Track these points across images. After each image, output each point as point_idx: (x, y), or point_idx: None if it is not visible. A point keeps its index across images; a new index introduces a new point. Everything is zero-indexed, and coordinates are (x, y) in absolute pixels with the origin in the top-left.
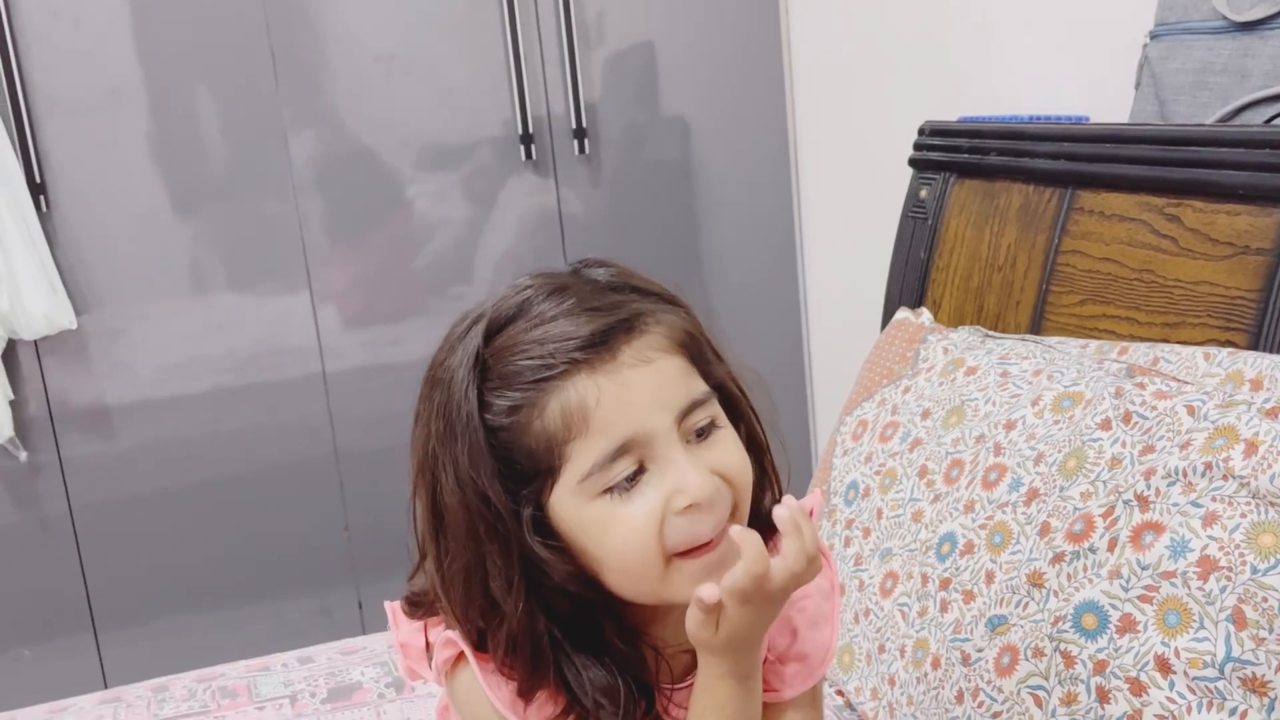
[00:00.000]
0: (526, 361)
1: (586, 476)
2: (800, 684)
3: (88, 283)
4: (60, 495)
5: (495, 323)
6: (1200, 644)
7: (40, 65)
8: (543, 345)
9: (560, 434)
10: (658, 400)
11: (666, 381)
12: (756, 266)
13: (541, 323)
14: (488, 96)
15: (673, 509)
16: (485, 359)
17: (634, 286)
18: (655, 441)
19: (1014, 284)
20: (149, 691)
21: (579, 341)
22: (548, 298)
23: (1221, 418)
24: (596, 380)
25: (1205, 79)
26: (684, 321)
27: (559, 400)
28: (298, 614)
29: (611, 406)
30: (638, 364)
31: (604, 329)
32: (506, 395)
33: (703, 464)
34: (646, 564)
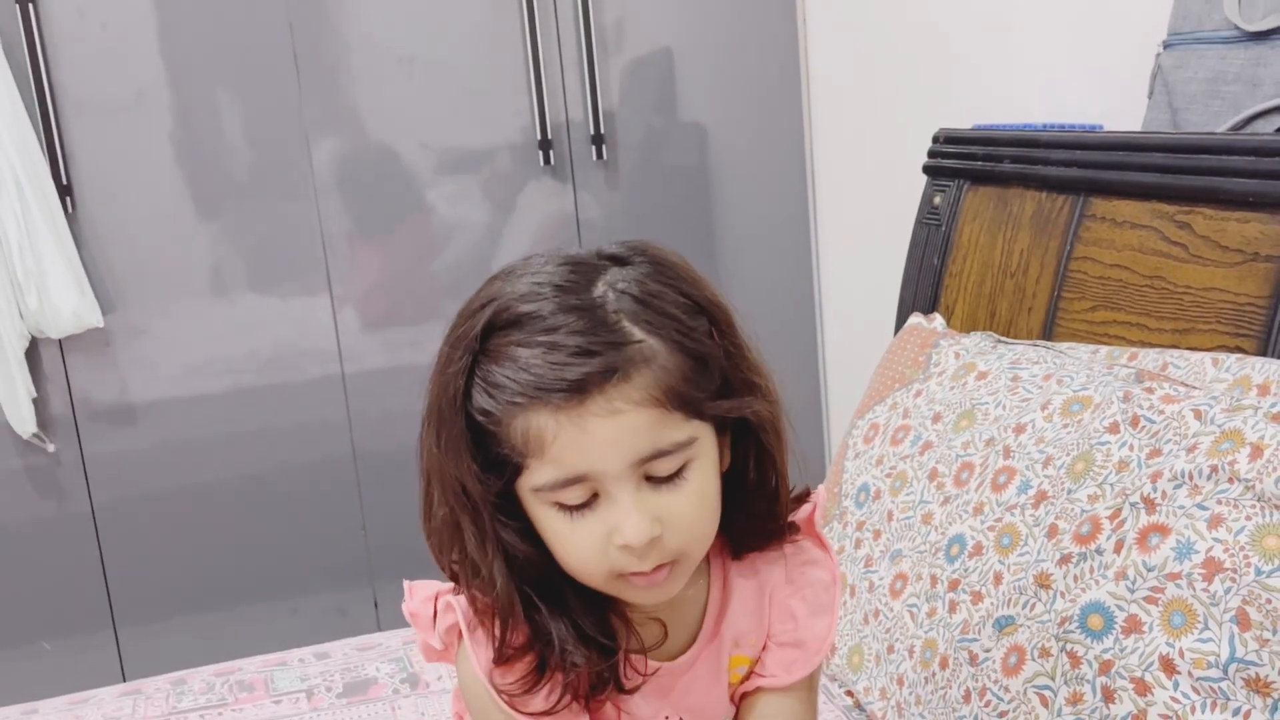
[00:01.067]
0: (505, 378)
1: (538, 490)
2: (798, 670)
3: (111, 282)
4: (82, 492)
5: (496, 320)
6: (1205, 645)
7: (67, 67)
8: (519, 371)
9: (520, 449)
10: (615, 449)
11: (630, 433)
12: (772, 271)
13: (529, 345)
14: (507, 101)
15: (611, 543)
16: (478, 352)
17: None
18: (607, 479)
19: (1026, 290)
20: (168, 684)
21: (546, 384)
22: (548, 316)
23: (1228, 422)
24: (558, 419)
25: (1217, 88)
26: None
27: (522, 424)
28: (314, 612)
29: (566, 445)
30: (604, 415)
31: (576, 379)
32: (484, 397)
33: (648, 509)
34: (590, 576)
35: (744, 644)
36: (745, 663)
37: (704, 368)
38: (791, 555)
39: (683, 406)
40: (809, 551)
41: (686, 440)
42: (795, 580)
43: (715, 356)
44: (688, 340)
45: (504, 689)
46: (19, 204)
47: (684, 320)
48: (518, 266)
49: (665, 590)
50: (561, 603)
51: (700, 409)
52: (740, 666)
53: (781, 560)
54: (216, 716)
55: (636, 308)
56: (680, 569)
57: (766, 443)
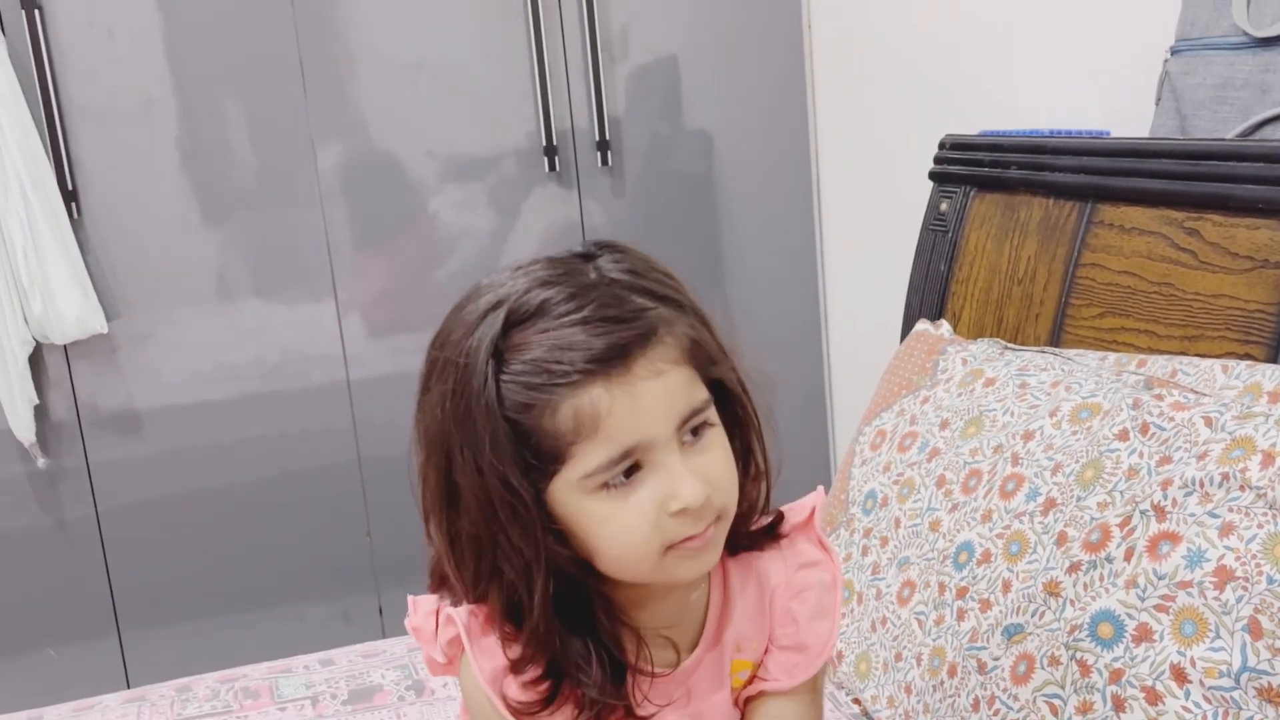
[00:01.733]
0: (544, 364)
1: (588, 475)
2: (800, 674)
3: (117, 288)
4: (87, 498)
5: (514, 315)
6: (1216, 653)
7: (73, 74)
8: (561, 351)
9: (569, 435)
10: (664, 411)
11: (674, 393)
12: (778, 278)
13: (561, 327)
14: (513, 108)
15: (666, 510)
16: (502, 351)
17: (647, 289)
18: (655, 447)
19: (1034, 296)
20: (173, 691)
21: (596, 353)
22: (568, 300)
23: (1239, 429)
24: (611, 390)
25: (1226, 94)
26: (691, 328)
27: (572, 405)
28: (319, 618)
29: (622, 415)
30: (650, 376)
31: (621, 343)
32: (521, 392)
33: (695, 470)
34: (641, 557)
35: (746, 648)
36: (747, 667)
37: (705, 329)
38: (791, 558)
39: (701, 365)
40: (809, 553)
41: (707, 400)
42: (795, 583)
43: (706, 319)
44: (686, 304)
45: (512, 703)
46: (24, 210)
47: (675, 288)
48: (495, 279)
49: (711, 554)
50: (586, 621)
51: (709, 370)
52: (742, 671)
53: (780, 562)
54: None
55: (635, 281)
56: (720, 529)
57: (743, 408)
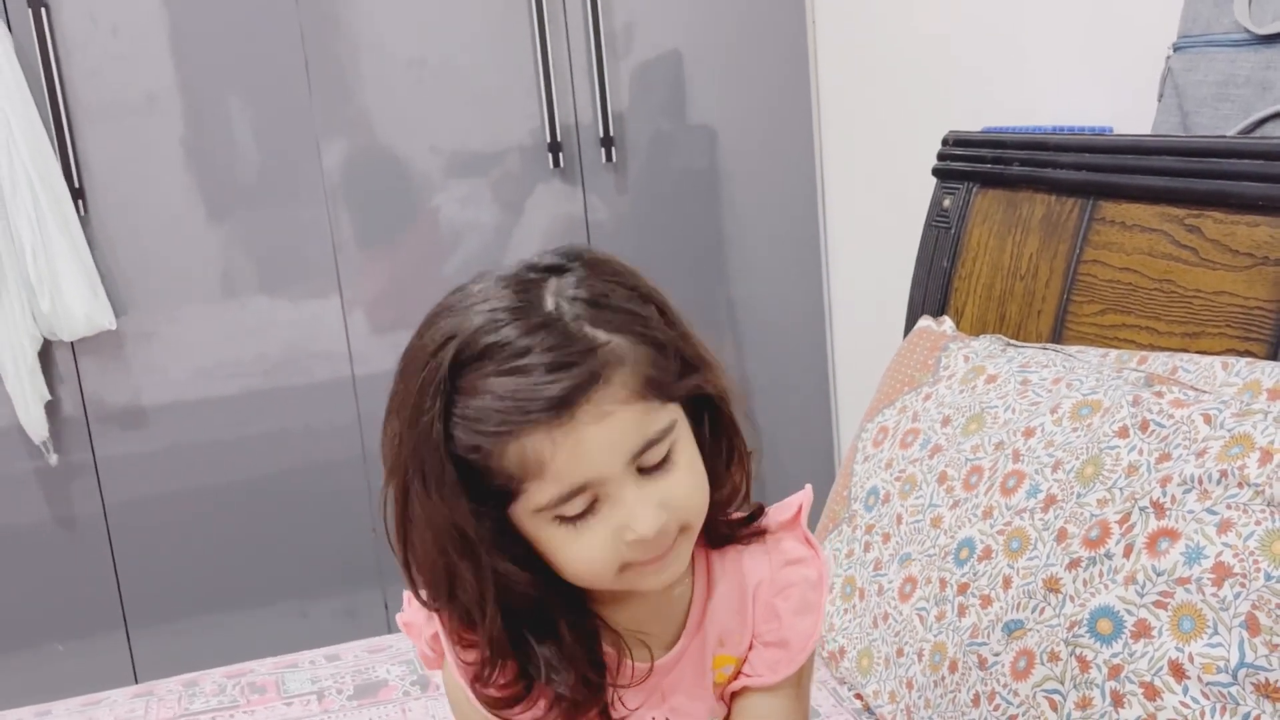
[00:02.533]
0: (488, 413)
1: (539, 510)
2: (783, 670)
3: (123, 286)
4: (94, 494)
5: (462, 355)
6: (1214, 649)
7: (79, 72)
8: (504, 400)
9: (517, 475)
10: (611, 452)
11: (624, 432)
12: (781, 274)
13: (510, 371)
14: (517, 104)
15: (621, 540)
16: (451, 393)
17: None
18: (607, 483)
19: (1035, 293)
20: (180, 686)
21: (540, 404)
22: (516, 340)
23: (1238, 426)
24: (553, 436)
25: (1228, 91)
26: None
27: (517, 450)
28: (324, 614)
29: (565, 459)
30: (593, 421)
31: (563, 393)
32: (469, 434)
33: (652, 499)
34: (599, 576)
35: (728, 643)
36: (731, 662)
37: (665, 352)
38: (776, 554)
39: (659, 394)
40: (795, 550)
41: (669, 425)
42: (780, 579)
43: (671, 339)
44: (646, 330)
45: (486, 700)
46: (33, 207)
47: (637, 312)
48: (458, 300)
49: (675, 567)
50: (552, 632)
51: (671, 392)
52: (725, 666)
53: (765, 558)
54: (228, 718)
55: (592, 311)
56: (685, 540)
57: (723, 412)
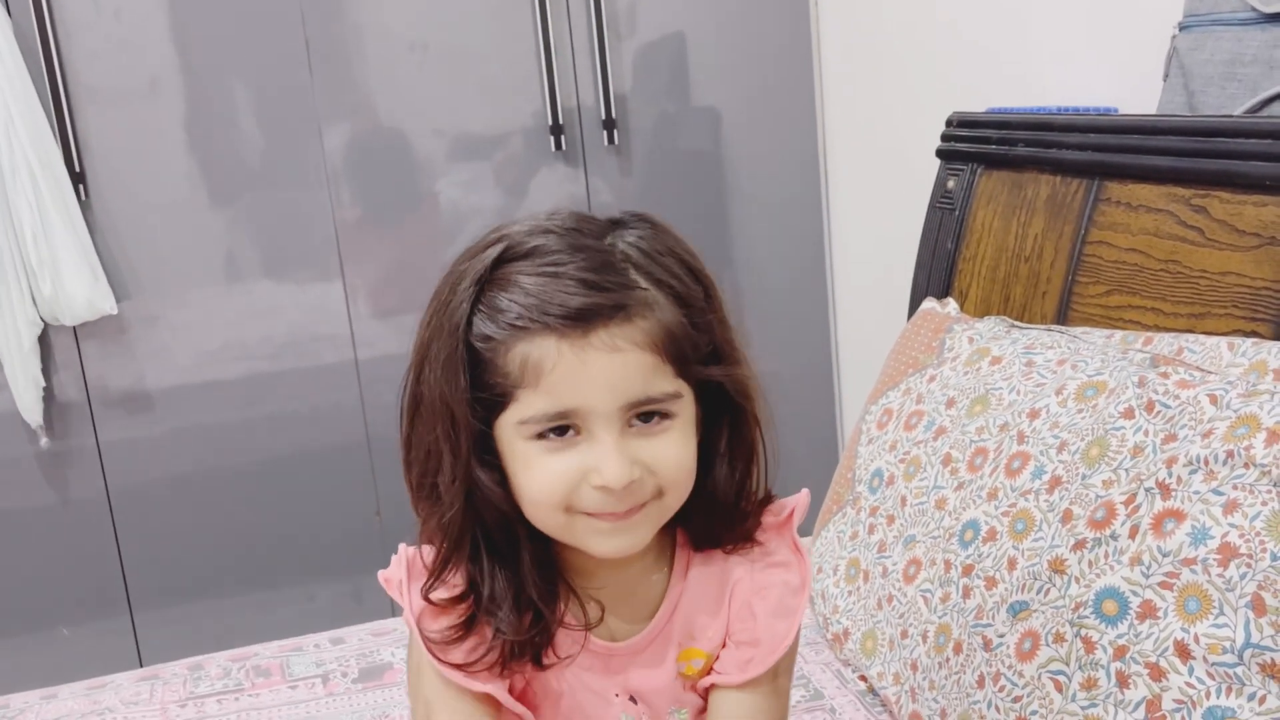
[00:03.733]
0: (511, 304)
1: (523, 422)
2: (753, 669)
3: (125, 269)
4: (98, 478)
5: (509, 251)
6: (1220, 630)
7: (80, 55)
8: (529, 296)
9: (514, 378)
10: (610, 388)
11: (628, 375)
12: (785, 256)
13: (541, 274)
14: (519, 87)
15: (588, 481)
16: (485, 283)
17: (656, 266)
18: (594, 418)
19: (1040, 274)
20: (185, 670)
21: (559, 310)
22: (559, 251)
23: (1244, 407)
24: (559, 346)
25: (1234, 70)
26: (677, 322)
27: (522, 350)
28: (329, 597)
29: (564, 375)
30: (604, 349)
31: (587, 308)
32: (486, 324)
33: (629, 453)
34: (549, 512)
35: (700, 637)
36: (701, 656)
37: (698, 327)
38: (759, 556)
39: (676, 359)
40: (779, 553)
41: (674, 393)
42: (759, 579)
43: (707, 322)
44: (687, 298)
45: (428, 634)
46: (33, 192)
47: (684, 279)
48: (528, 217)
49: (630, 539)
50: (511, 559)
51: (689, 367)
52: (695, 659)
53: (747, 560)
54: (234, 701)
55: (643, 260)
56: (654, 513)
57: (742, 422)
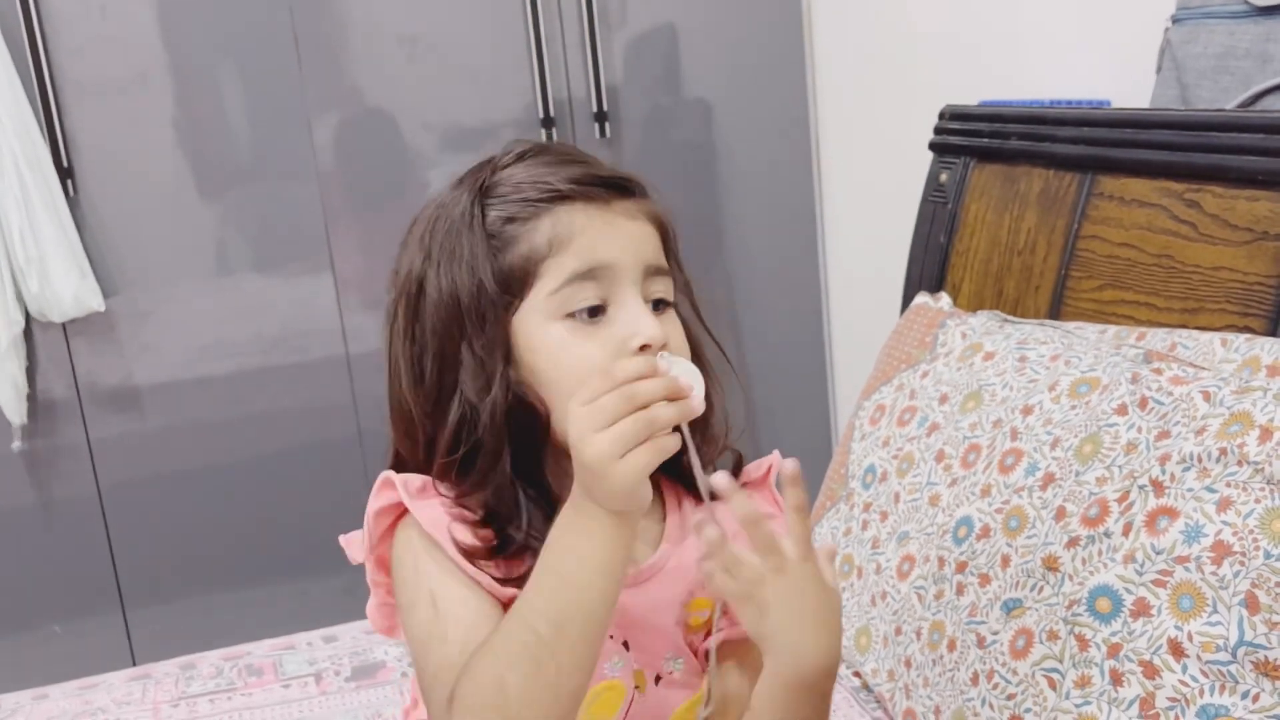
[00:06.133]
0: (530, 184)
1: (555, 291)
2: None
3: (114, 265)
4: (88, 475)
5: (501, 162)
6: (1213, 628)
7: (67, 49)
8: (548, 174)
9: (541, 250)
10: (635, 248)
11: (646, 240)
12: (777, 249)
13: (547, 164)
14: (509, 79)
15: (627, 349)
16: (488, 185)
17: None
18: (621, 280)
19: (1033, 269)
20: (177, 669)
21: (580, 177)
22: (552, 150)
23: (1237, 403)
24: (589, 212)
25: (1227, 64)
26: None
27: (550, 219)
28: (322, 594)
29: (595, 235)
30: (627, 216)
31: (604, 177)
32: (505, 207)
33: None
34: None
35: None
36: (706, 606)
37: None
38: None
39: (668, 244)
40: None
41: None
42: None
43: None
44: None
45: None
46: (19, 188)
47: None
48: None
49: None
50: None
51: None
52: (702, 610)
53: None
54: (226, 700)
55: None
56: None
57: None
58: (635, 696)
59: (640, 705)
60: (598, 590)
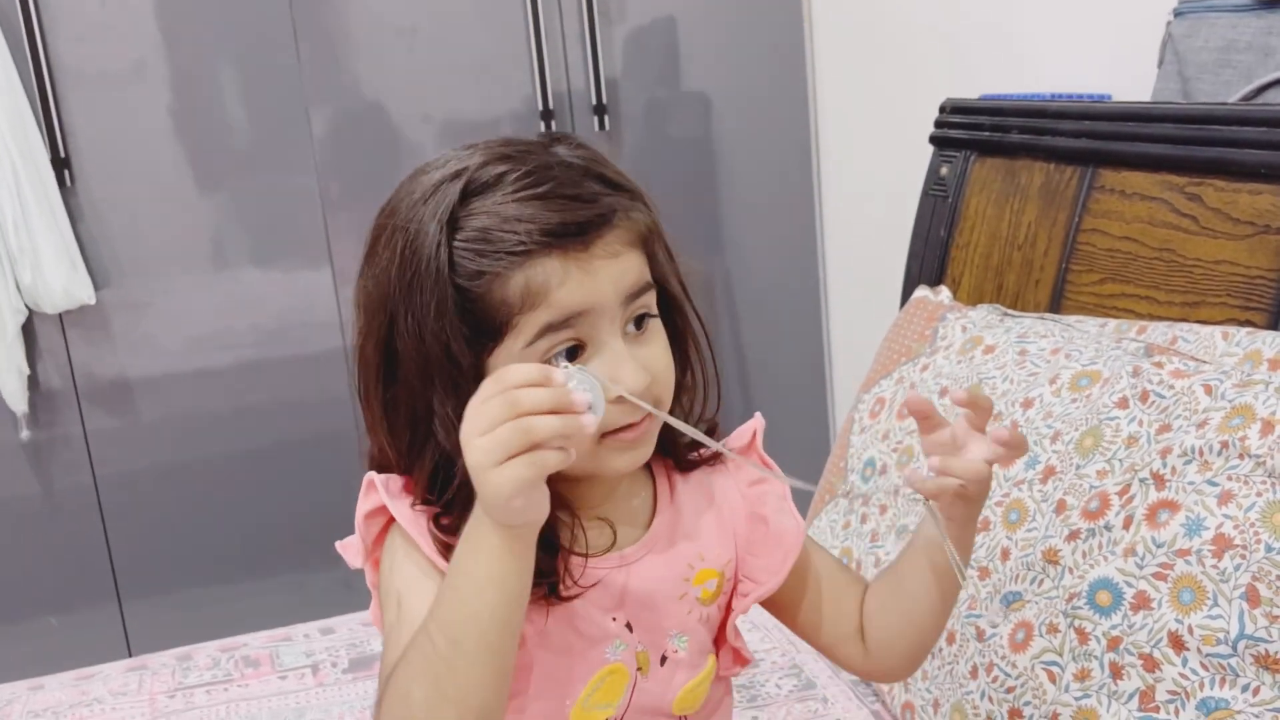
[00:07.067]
0: (500, 234)
1: (530, 344)
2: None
3: (111, 256)
4: (85, 467)
5: (471, 186)
6: (1214, 621)
7: (63, 39)
8: (520, 222)
9: (515, 305)
10: (614, 288)
11: (627, 272)
12: (777, 243)
13: (519, 200)
14: (509, 71)
15: (606, 396)
16: (457, 219)
17: (604, 177)
18: (599, 322)
19: (1034, 262)
20: (174, 660)
21: (553, 227)
22: (526, 175)
23: (1239, 397)
24: (566, 265)
25: (1229, 57)
26: (646, 217)
27: (524, 275)
28: (319, 586)
29: (570, 288)
30: (606, 256)
31: (581, 221)
32: (473, 259)
33: (634, 359)
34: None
35: (709, 556)
36: (713, 575)
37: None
38: (739, 476)
39: (650, 254)
40: (754, 474)
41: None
42: (750, 495)
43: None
44: (639, 196)
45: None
46: (13, 179)
47: (626, 180)
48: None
49: (644, 448)
50: None
51: (656, 265)
52: (709, 580)
53: (730, 480)
54: (223, 692)
55: (593, 168)
56: (655, 421)
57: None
58: (639, 679)
59: (644, 687)
60: (487, 606)
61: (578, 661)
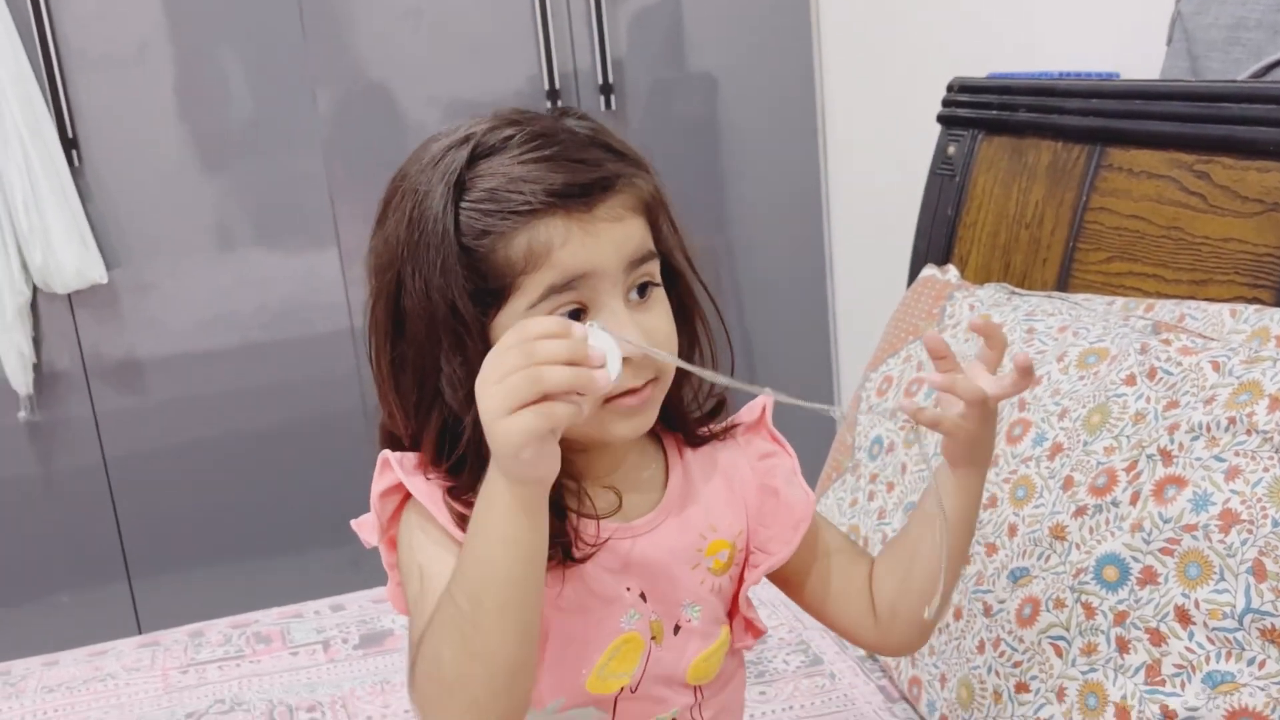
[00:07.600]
0: (505, 194)
1: (533, 305)
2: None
3: (119, 237)
4: (94, 447)
5: (479, 149)
6: (1220, 595)
7: (71, 20)
8: (525, 183)
9: (519, 265)
10: (616, 251)
11: (630, 237)
12: (782, 223)
13: (525, 162)
14: (514, 51)
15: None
16: (464, 180)
17: (610, 146)
18: (601, 285)
19: (1041, 241)
20: (185, 636)
21: (557, 188)
22: (532, 139)
23: (1246, 373)
24: (568, 224)
25: (1238, 35)
26: (650, 186)
27: (527, 235)
28: (327, 565)
29: (573, 249)
30: (609, 219)
31: (585, 182)
32: (479, 219)
33: (637, 325)
34: None
35: (720, 528)
36: (726, 547)
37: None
38: (749, 450)
39: (654, 222)
40: (764, 447)
41: (655, 254)
42: (760, 468)
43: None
44: (645, 166)
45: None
46: (23, 159)
47: (632, 151)
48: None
49: (647, 415)
50: None
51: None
52: (721, 551)
53: (741, 455)
54: (235, 668)
55: (598, 138)
56: (658, 389)
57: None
58: (653, 648)
59: (659, 656)
60: (504, 563)
61: (593, 630)
